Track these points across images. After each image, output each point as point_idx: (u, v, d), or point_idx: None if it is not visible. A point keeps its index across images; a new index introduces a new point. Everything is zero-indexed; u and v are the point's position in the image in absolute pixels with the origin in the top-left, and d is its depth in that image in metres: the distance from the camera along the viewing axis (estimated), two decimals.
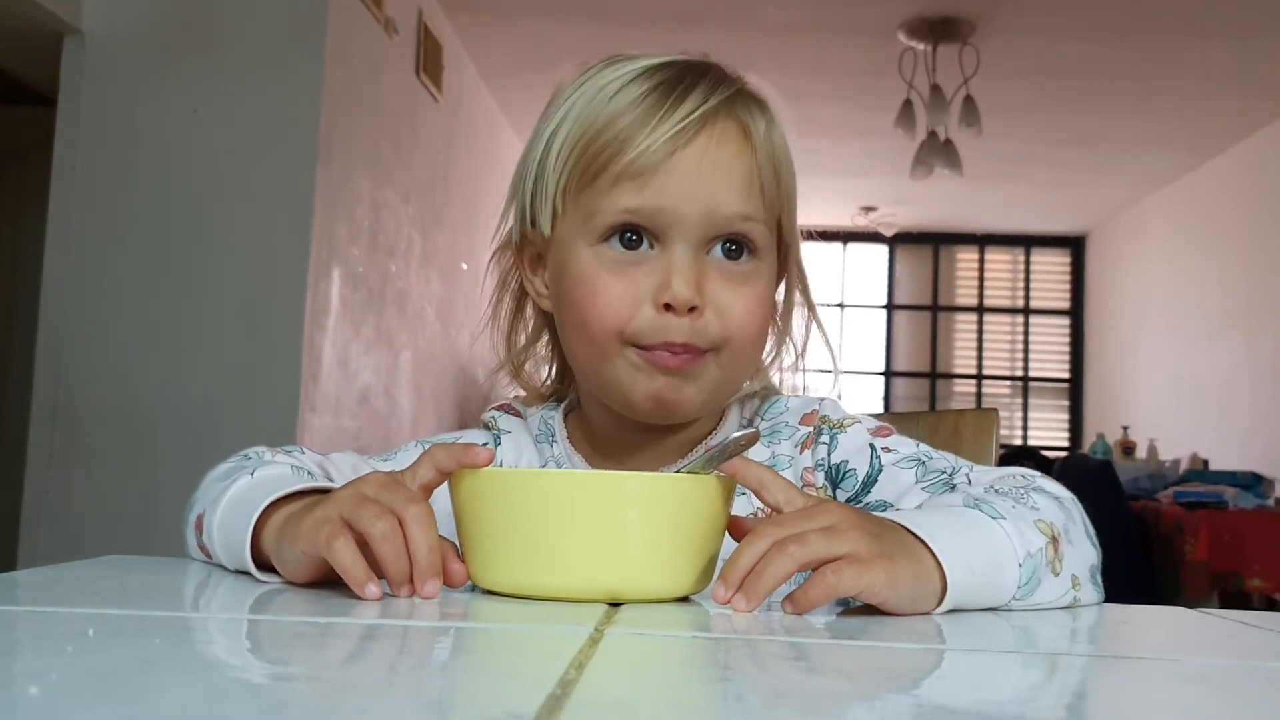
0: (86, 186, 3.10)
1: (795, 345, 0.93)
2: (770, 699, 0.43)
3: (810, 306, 0.92)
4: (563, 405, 0.94)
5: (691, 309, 0.80)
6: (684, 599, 0.68)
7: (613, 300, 0.81)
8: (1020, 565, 0.68)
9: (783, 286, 0.91)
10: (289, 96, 3.13)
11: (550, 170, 0.83)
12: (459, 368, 4.62)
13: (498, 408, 0.96)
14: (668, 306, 0.80)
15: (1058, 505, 0.74)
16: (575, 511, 0.64)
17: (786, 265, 0.90)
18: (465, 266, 4.66)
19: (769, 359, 0.92)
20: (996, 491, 0.74)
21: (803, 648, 0.55)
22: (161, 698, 0.38)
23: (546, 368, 0.96)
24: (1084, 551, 0.74)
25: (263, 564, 0.71)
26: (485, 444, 0.92)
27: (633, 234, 0.81)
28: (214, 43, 3.14)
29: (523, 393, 0.97)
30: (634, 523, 0.65)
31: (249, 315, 3.08)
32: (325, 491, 0.70)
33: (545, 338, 0.95)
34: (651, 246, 0.82)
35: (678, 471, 0.69)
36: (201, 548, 0.78)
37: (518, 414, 0.95)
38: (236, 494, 0.76)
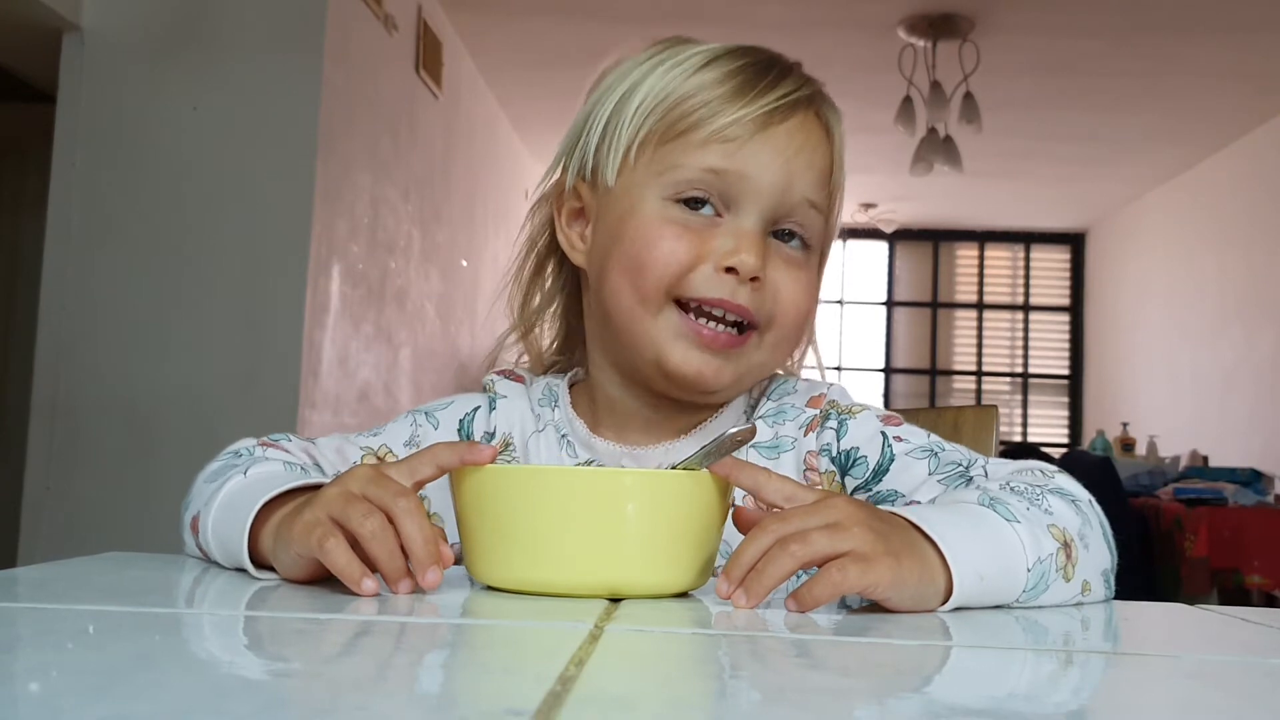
0: (86, 183, 3.10)
1: (813, 336, 0.94)
2: (771, 695, 0.42)
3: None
4: (568, 375, 0.94)
5: (754, 279, 0.81)
6: (684, 595, 0.68)
7: (677, 250, 0.81)
8: (1029, 570, 0.67)
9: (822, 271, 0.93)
10: (288, 93, 3.13)
11: (627, 122, 0.84)
12: (459, 364, 4.62)
13: (499, 372, 0.96)
14: (730, 270, 0.80)
15: (1073, 509, 0.73)
16: (574, 508, 0.64)
17: (822, 262, 0.91)
18: (465, 263, 4.66)
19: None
20: (1012, 489, 0.73)
21: (804, 644, 0.55)
22: (161, 694, 0.38)
23: (551, 335, 0.96)
24: (1099, 556, 0.73)
25: (261, 564, 0.71)
26: (478, 407, 0.93)
27: (699, 201, 0.82)
28: (213, 40, 3.14)
29: (526, 359, 0.97)
30: (632, 519, 0.65)
31: (248, 312, 3.08)
32: (318, 487, 0.70)
33: (557, 305, 0.95)
34: (719, 215, 0.82)
35: (675, 465, 0.68)
36: (200, 548, 0.78)
37: (519, 379, 0.95)
38: (229, 495, 0.76)
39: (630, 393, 0.88)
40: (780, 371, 0.93)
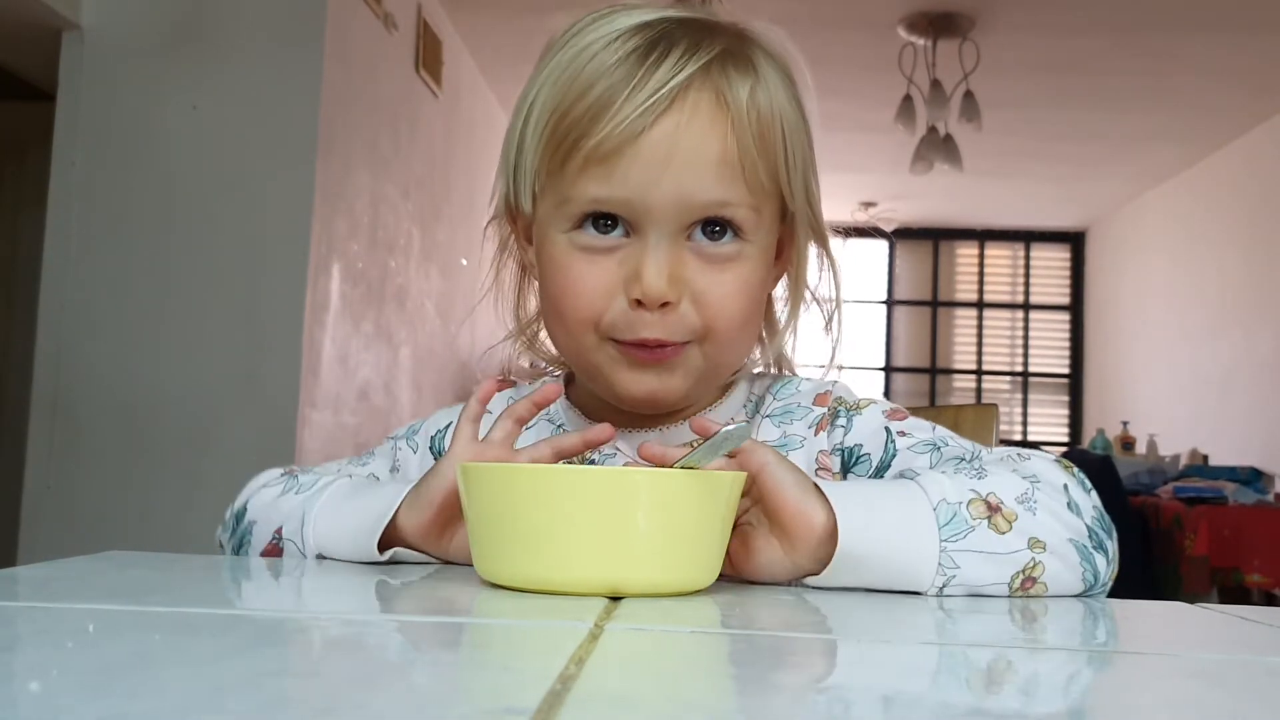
0: (85, 182, 3.10)
1: (818, 302, 0.89)
2: (771, 694, 0.42)
3: (831, 262, 0.88)
4: (564, 373, 0.93)
5: (664, 304, 0.76)
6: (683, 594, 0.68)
7: (585, 292, 0.78)
8: (935, 509, 0.68)
9: (805, 249, 0.87)
10: (288, 92, 3.13)
11: (528, 149, 0.79)
12: (459, 363, 4.62)
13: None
14: (639, 302, 0.76)
15: (1018, 478, 0.71)
16: (579, 506, 0.64)
17: (794, 230, 0.85)
18: (465, 262, 4.66)
19: (784, 326, 0.89)
20: (959, 465, 0.74)
21: (804, 643, 0.55)
22: (161, 693, 0.38)
23: None
24: (1056, 522, 0.71)
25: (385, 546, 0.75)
26: (451, 424, 0.92)
27: (607, 219, 0.77)
28: (213, 39, 3.14)
29: (526, 365, 0.95)
30: (639, 519, 0.64)
31: (248, 311, 3.08)
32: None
33: None
34: (627, 234, 0.77)
35: (676, 464, 0.68)
36: (274, 549, 0.81)
37: (509, 384, 0.93)
38: (347, 492, 0.80)
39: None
40: (788, 372, 0.91)
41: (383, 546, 0.75)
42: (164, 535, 2.88)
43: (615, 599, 0.64)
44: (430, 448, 0.92)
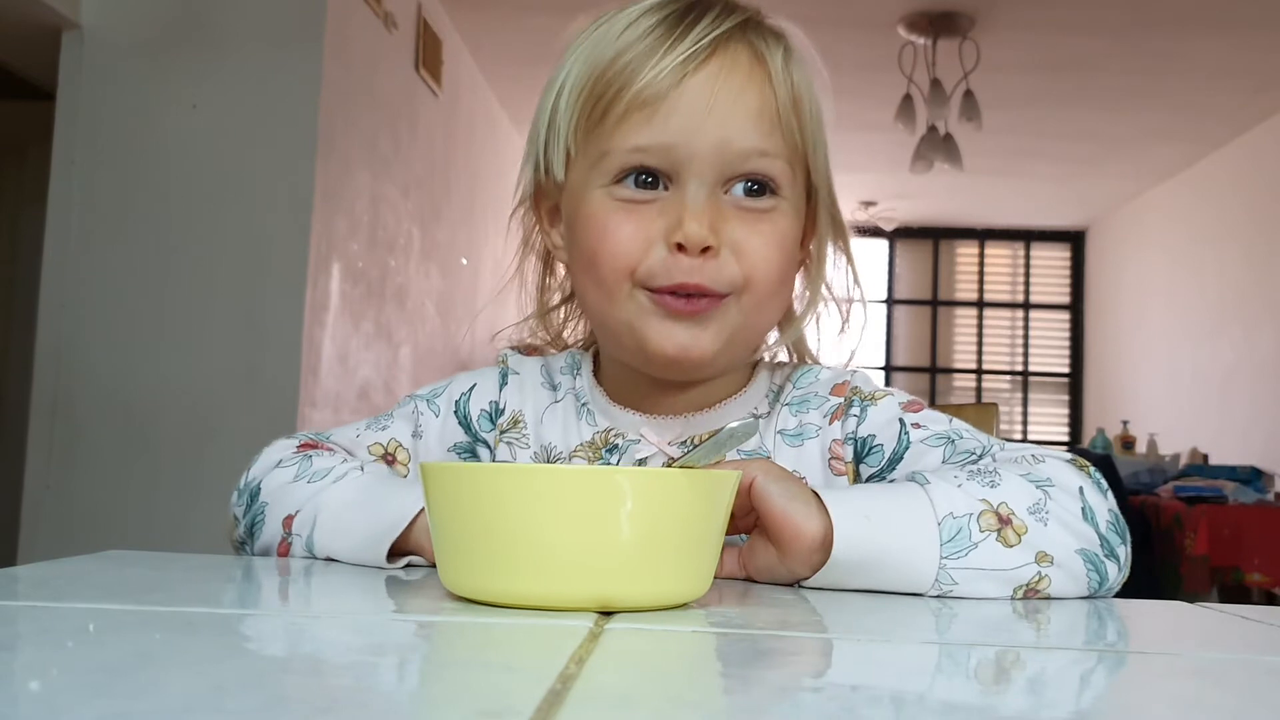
0: (85, 181, 3.10)
1: (835, 300, 0.89)
2: (772, 694, 0.42)
3: (848, 254, 0.88)
4: (593, 348, 0.93)
5: (705, 250, 0.76)
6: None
7: (623, 239, 0.78)
8: (939, 524, 0.68)
9: (825, 236, 0.87)
10: (288, 91, 3.13)
11: (562, 111, 0.80)
12: (459, 362, 4.62)
13: (514, 347, 0.94)
14: (680, 247, 0.76)
15: (1032, 487, 0.71)
16: (555, 511, 0.57)
17: (816, 212, 0.85)
18: (465, 261, 4.66)
19: (803, 313, 0.88)
20: (973, 471, 0.73)
21: (804, 643, 0.55)
22: (162, 692, 0.38)
23: (575, 324, 0.94)
24: (1067, 535, 0.71)
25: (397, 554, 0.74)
26: (475, 385, 0.92)
27: (647, 175, 0.78)
28: (213, 37, 3.14)
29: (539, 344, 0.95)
30: (628, 524, 0.58)
31: (248, 310, 3.08)
32: None
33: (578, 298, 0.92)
34: (666, 188, 0.78)
35: (673, 463, 0.66)
36: (284, 543, 0.80)
37: (537, 351, 0.93)
38: (361, 489, 0.78)
39: (631, 374, 0.86)
40: (809, 360, 0.91)
41: (394, 554, 0.74)
42: (164, 535, 2.88)
43: (606, 614, 0.60)
44: (455, 412, 0.92)
